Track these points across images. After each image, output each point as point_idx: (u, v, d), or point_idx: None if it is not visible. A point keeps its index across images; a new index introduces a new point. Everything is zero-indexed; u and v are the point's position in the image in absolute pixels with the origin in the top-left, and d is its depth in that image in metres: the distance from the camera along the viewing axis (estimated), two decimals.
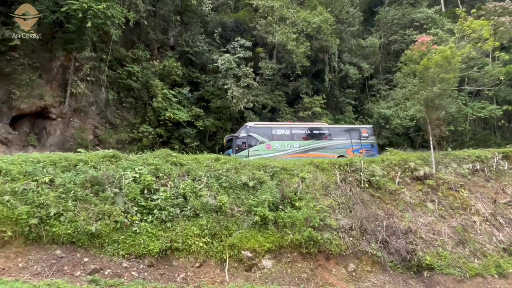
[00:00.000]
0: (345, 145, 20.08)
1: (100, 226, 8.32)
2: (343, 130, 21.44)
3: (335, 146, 19.87)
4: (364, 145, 20.43)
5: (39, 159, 9.47)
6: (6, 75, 16.53)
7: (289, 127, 20.21)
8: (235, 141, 18.64)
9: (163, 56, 25.00)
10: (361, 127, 21.83)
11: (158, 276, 8.15)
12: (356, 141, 20.40)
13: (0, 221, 7.59)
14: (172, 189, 10.17)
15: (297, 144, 19.35)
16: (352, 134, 20.74)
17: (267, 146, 18.73)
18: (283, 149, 18.93)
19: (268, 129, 19.56)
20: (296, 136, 19.78)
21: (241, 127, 20.48)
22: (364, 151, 20.03)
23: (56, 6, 17.07)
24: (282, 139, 19.38)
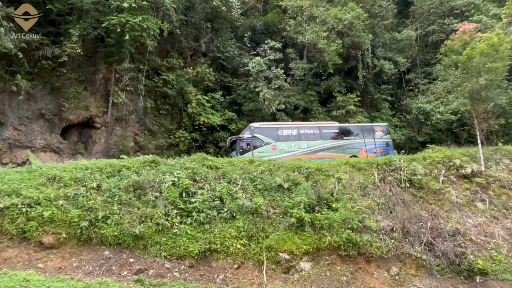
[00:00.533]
0: (358, 145, 19.15)
1: (143, 228, 8.73)
2: (355, 129, 20.46)
3: (346, 146, 18.97)
4: (378, 144, 19.40)
5: (87, 166, 10.18)
6: (57, 89, 18.01)
7: (296, 127, 19.52)
8: (239, 142, 18.26)
9: (196, 63, 25.78)
10: (375, 125, 20.85)
11: (198, 277, 8.38)
12: (369, 140, 19.50)
13: (55, 223, 8.23)
14: (209, 192, 10.43)
15: (305, 144, 18.63)
16: (365, 133, 19.83)
17: (273, 147, 18.20)
18: (290, 150, 18.23)
19: (273, 129, 19.06)
20: (304, 136, 19.06)
21: (245, 128, 20.05)
22: (379, 150, 19.07)
23: (97, 23, 18.32)
24: (289, 139, 18.81)
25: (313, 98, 25.63)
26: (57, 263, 7.76)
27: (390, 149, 19.62)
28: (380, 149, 19.20)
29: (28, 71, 17.11)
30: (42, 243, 7.89)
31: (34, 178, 9.14)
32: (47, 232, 8.04)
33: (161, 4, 19.36)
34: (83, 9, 18.11)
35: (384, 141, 19.90)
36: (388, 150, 19.41)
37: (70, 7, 18.15)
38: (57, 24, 18.65)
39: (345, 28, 24.46)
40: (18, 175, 9.17)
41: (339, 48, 23.99)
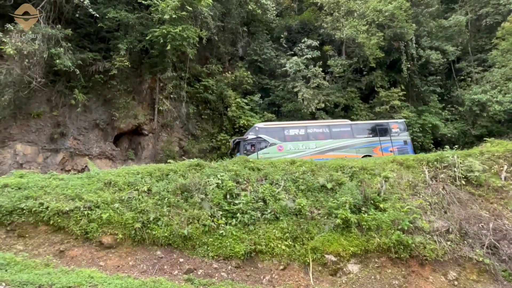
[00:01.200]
0: (372, 143, 18.03)
1: (191, 229, 9.08)
2: (369, 126, 19.16)
3: (359, 144, 17.90)
4: (395, 142, 18.19)
5: (138, 170, 10.87)
6: (108, 100, 19.49)
7: (304, 126, 18.69)
8: (242, 144, 17.75)
9: (234, 67, 26.31)
10: (391, 122, 19.40)
11: (245, 277, 8.51)
12: (385, 138, 18.22)
13: (112, 225, 8.88)
14: (252, 193, 10.56)
15: (314, 144, 17.82)
16: (380, 130, 18.55)
17: (279, 148, 17.62)
18: (297, 151, 17.52)
19: (279, 129, 18.44)
20: (313, 136, 18.23)
21: (250, 129, 19.50)
22: (396, 149, 17.84)
23: (141, 36, 19.53)
24: (296, 139, 18.09)
25: (354, 95, 24.83)
26: (116, 262, 8.36)
27: (408, 148, 18.36)
28: (398, 147, 18.01)
29: (84, 85, 18.75)
30: (102, 243, 8.55)
31: (93, 183, 9.96)
32: (105, 233, 8.69)
33: (199, 12, 20.05)
34: (129, 25, 19.42)
35: (402, 139, 18.56)
36: (406, 148, 18.16)
37: (117, 24, 19.56)
38: (107, 40, 20.20)
39: (386, 20, 23.38)
40: (79, 181, 10.06)
41: (380, 41, 23.01)
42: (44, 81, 17.36)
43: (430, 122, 23.36)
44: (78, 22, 19.74)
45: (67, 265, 7.74)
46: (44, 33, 16.57)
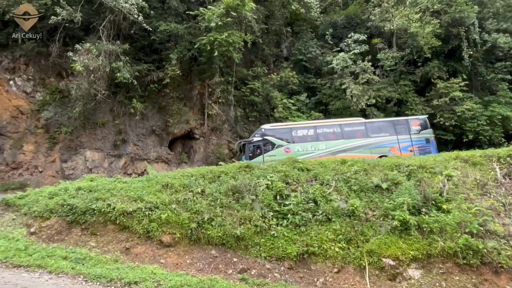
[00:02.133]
0: (388, 143, 16.75)
1: (243, 229, 9.26)
2: (386, 124, 17.64)
3: (374, 144, 16.74)
4: (415, 140, 16.78)
5: (192, 173, 11.41)
6: (163, 108, 20.79)
7: (313, 126, 17.76)
8: (248, 146, 17.23)
9: (279, 68, 26.33)
10: (411, 119, 17.71)
11: (298, 279, 8.43)
12: (404, 137, 16.85)
13: (171, 224, 9.42)
14: (302, 194, 10.45)
15: (324, 145, 16.99)
16: (398, 128, 17.15)
17: (286, 150, 16.94)
18: (305, 152, 16.73)
19: (287, 130, 17.69)
20: (323, 136, 17.33)
21: (256, 130, 18.70)
22: (416, 148, 16.45)
23: (190, 45, 20.51)
24: (305, 140, 17.25)
25: (408, 88, 23.28)
26: (174, 260, 8.85)
27: (431, 146, 16.69)
28: (418, 146, 16.56)
29: (141, 95, 20.27)
30: (162, 242, 9.12)
31: (152, 186, 10.68)
32: (165, 232, 9.25)
33: (243, 17, 20.45)
34: (179, 35, 20.52)
35: (423, 137, 16.97)
36: (428, 147, 16.54)
37: (168, 35, 20.79)
38: (160, 52, 21.58)
39: (442, 5, 21.56)
40: (140, 184, 10.86)
41: (435, 29, 21.28)
42: (107, 93, 19.12)
43: (499, 114, 21.00)
44: (134, 37, 21.41)
45: (133, 261, 8.38)
46: (106, 49, 18.23)
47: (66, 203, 9.48)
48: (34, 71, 22.36)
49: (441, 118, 21.19)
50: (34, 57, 22.11)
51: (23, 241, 8.33)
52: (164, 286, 6.71)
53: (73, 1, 19.16)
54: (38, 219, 9.41)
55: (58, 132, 20.64)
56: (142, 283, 6.67)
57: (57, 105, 21.27)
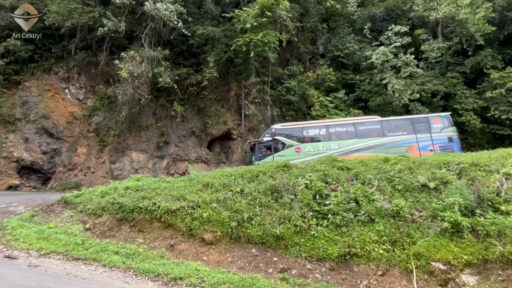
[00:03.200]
0: (406, 142, 15.95)
1: (282, 229, 9.24)
2: (404, 122, 16.80)
3: (390, 144, 15.99)
4: (436, 139, 15.86)
5: (231, 173, 11.62)
6: (201, 109, 21.45)
7: (325, 126, 17.13)
8: (258, 146, 16.90)
9: (315, 65, 25.92)
10: (431, 117, 16.49)
11: (340, 280, 8.22)
12: (423, 136, 15.99)
13: (212, 223, 9.66)
14: (343, 194, 10.18)
15: (336, 145, 16.53)
16: (418, 126, 16.25)
17: (296, 149, 16.52)
18: (317, 152, 16.24)
19: (297, 130, 17.20)
20: (335, 136, 16.71)
21: (266, 130, 18.20)
22: (437, 147, 15.44)
23: (226, 47, 20.92)
24: (317, 140, 16.67)
25: (456, 81, 21.68)
26: (216, 257, 9.07)
27: (454, 145, 15.42)
28: (440, 145, 15.45)
29: (181, 98, 21.10)
30: (204, 239, 9.39)
31: (194, 185, 11.05)
32: (206, 230, 9.51)
33: (278, 16, 20.42)
34: (215, 38, 21.03)
35: (445, 136, 15.80)
36: (451, 146, 15.31)
37: (205, 39, 21.40)
38: (197, 55, 22.27)
39: None
40: (182, 183, 11.29)
41: (488, 14, 19.57)
42: (150, 97, 20.17)
43: None
44: (173, 42, 22.33)
45: (177, 257, 8.74)
46: (148, 55, 19.23)
47: (116, 202, 10.13)
48: (85, 80, 24.26)
49: (496, 111, 19.46)
50: (85, 66, 23.98)
51: (80, 236, 9.06)
52: (207, 282, 6.90)
53: (118, 12, 20.45)
54: (92, 216, 10.16)
55: (107, 136, 22.18)
56: (186, 279, 6.93)
57: (106, 110, 22.87)
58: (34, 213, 10.68)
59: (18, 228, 9.13)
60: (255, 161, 16.95)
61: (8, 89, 24.32)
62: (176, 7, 19.65)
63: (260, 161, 16.51)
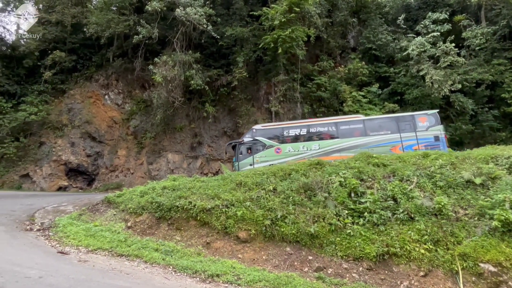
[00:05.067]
0: (390, 141, 15.47)
1: (317, 227, 9.11)
2: (387, 121, 16.25)
3: (373, 143, 15.54)
4: (422, 138, 15.27)
5: (263, 171, 11.67)
6: (232, 110, 21.75)
7: (306, 126, 16.96)
8: (238, 147, 16.65)
9: (346, 60, 25.23)
10: (417, 115, 16.08)
11: (379, 281, 7.96)
12: (407, 135, 15.44)
13: (246, 221, 9.76)
14: (379, 191, 9.83)
15: (316, 145, 16.15)
16: (402, 125, 15.68)
17: (276, 150, 16.27)
18: (296, 153, 16.05)
19: (278, 130, 16.85)
20: (316, 136, 16.48)
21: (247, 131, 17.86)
22: (423, 146, 14.75)
23: (255, 47, 21.02)
24: (297, 140, 16.57)
25: (504, 68, 20.07)
26: (251, 255, 9.16)
27: (441, 144, 14.51)
28: (425, 144, 14.90)
29: (212, 99, 21.55)
30: (238, 237, 9.52)
31: (227, 184, 11.23)
32: (241, 229, 9.62)
33: (306, 12, 20.15)
34: (244, 38, 21.22)
35: (432, 134, 15.29)
36: (437, 145, 14.43)
37: (234, 40, 21.66)
38: (227, 56, 22.60)
39: None
40: (216, 182, 11.52)
41: None
42: (183, 100, 20.81)
43: None
44: (203, 45, 22.84)
45: (213, 255, 8.94)
46: (180, 59, 19.86)
47: (154, 201, 10.58)
48: (123, 85, 25.57)
49: None
50: (122, 73, 25.28)
51: (123, 234, 9.58)
52: (243, 280, 7.00)
53: (150, 19, 21.31)
54: (133, 215, 10.70)
55: (144, 138, 23.23)
56: (223, 276, 7.07)
57: (142, 113, 23.96)
58: (82, 212, 11.46)
59: (68, 226, 9.85)
60: (235, 161, 17.07)
61: (55, 97, 26.33)
62: (205, 10, 20.09)
63: (240, 161, 16.64)
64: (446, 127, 21.07)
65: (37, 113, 23.93)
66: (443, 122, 21.99)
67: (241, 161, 16.58)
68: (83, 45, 27.10)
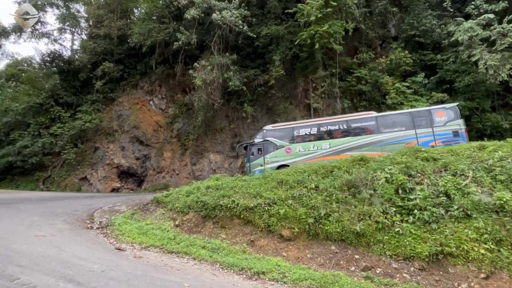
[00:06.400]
0: (404, 138, 14.72)
1: (363, 226, 8.84)
2: (401, 117, 15.40)
3: (386, 141, 14.93)
4: (439, 134, 14.40)
5: (305, 169, 11.58)
6: (270, 108, 21.81)
7: (316, 124, 16.64)
8: (249, 148, 16.49)
9: (387, 50, 24.06)
10: (434, 109, 15.11)
11: (433, 282, 7.51)
12: (423, 131, 14.62)
13: (289, 219, 9.77)
14: (430, 187, 9.26)
15: (327, 144, 15.77)
16: (418, 121, 14.87)
17: (287, 150, 16.25)
18: (307, 153, 15.86)
19: (288, 130, 16.91)
20: (327, 134, 16.14)
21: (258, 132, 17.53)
22: (440, 142, 13.96)
23: (291, 44, 20.86)
24: (307, 140, 16.31)
25: None
26: (295, 254, 9.14)
27: (461, 140, 13.79)
28: (443, 141, 14.07)
29: (250, 99, 21.79)
30: (282, 236, 9.56)
31: (268, 183, 11.32)
32: (284, 227, 9.65)
33: (343, 4, 19.55)
34: (279, 36, 21.18)
35: (450, 129, 14.33)
36: (457, 141, 13.64)
37: (270, 39, 21.69)
38: (263, 55, 22.70)
39: None
40: (258, 181, 11.66)
41: None
42: (222, 101, 21.30)
43: None
44: (240, 46, 23.17)
45: (258, 253, 9.07)
46: (218, 62, 20.36)
47: (199, 200, 10.99)
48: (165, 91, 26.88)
49: None
50: (165, 78, 26.57)
51: (172, 232, 10.09)
52: (289, 278, 7.02)
53: (189, 26, 22.11)
54: (180, 214, 11.21)
55: (187, 140, 24.20)
56: (269, 274, 7.15)
57: (184, 117, 24.98)
58: (134, 212, 12.27)
59: (123, 224, 10.60)
60: (247, 162, 17.13)
61: (106, 105, 28.45)
62: (241, 12, 20.37)
63: (252, 162, 16.67)
64: (506, 115, 19.24)
65: (91, 120, 26.05)
66: (502, 110, 20.10)
67: (252, 162, 16.68)
68: (128, 55, 28.95)
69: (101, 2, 31.49)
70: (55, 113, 27.22)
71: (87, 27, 34.79)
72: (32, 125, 27.26)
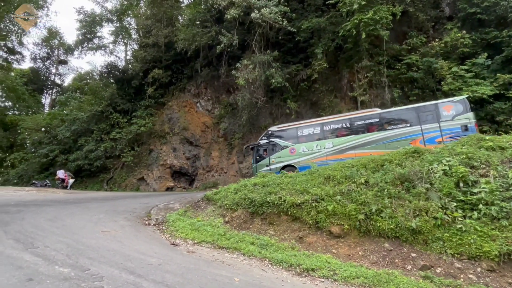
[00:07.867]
0: (409, 135, 14.17)
1: (419, 222, 8.28)
2: (406, 113, 14.84)
3: (390, 138, 14.47)
4: (447, 129, 13.66)
5: (352, 164, 11.17)
6: (314, 103, 21.41)
7: (320, 124, 16.52)
8: (255, 149, 16.57)
9: (441, 32, 22.13)
10: (442, 103, 14.41)
11: (506, 284, 6.78)
12: (430, 126, 14.00)
13: (337, 216, 9.52)
14: (497, 180, 8.36)
15: (330, 143, 15.69)
16: (423, 116, 14.26)
17: (291, 150, 16.41)
18: (310, 152, 15.92)
19: (292, 130, 16.95)
20: (330, 134, 15.97)
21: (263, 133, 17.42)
22: (448, 138, 13.23)
23: (334, 35, 20.22)
24: (311, 139, 16.27)
25: None
26: (346, 251, 8.89)
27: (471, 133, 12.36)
28: (451, 136, 13.35)
29: (293, 95, 21.62)
30: (331, 232, 9.36)
31: (315, 179, 11.14)
32: (333, 223, 9.43)
33: None
34: (321, 29, 20.65)
35: (458, 124, 13.57)
36: (465, 136, 11.74)
37: (311, 32, 21.25)
38: (305, 50, 22.33)
39: None
40: (304, 177, 11.55)
41: None
42: (265, 99, 21.41)
43: None
44: (280, 42, 23.06)
45: (307, 249, 9.00)
46: (259, 60, 20.50)
47: (247, 197, 11.21)
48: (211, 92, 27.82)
49: None
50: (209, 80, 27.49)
51: (222, 228, 10.45)
52: (340, 275, 6.86)
53: (229, 27, 22.58)
54: (229, 211, 11.55)
55: (233, 139, 24.79)
56: (318, 271, 7.07)
57: (230, 116, 25.62)
58: (186, 209, 12.92)
59: (177, 221, 11.23)
60: (253, 164, 17.28)
61: (158, 109, 30.33)
62: (280, 8, 20.25)
63: (258, 163, 16.88)
64: None
65: (145, 125, 28.01)
66: None
67: (258, 162, 17.09)
68: (175, 60, 30.52)
69: (149, 13, 33.55)
70: (114, 119, 29.77)
71: (138, 37, 37.34)
72: (95, 132, 30.14)
